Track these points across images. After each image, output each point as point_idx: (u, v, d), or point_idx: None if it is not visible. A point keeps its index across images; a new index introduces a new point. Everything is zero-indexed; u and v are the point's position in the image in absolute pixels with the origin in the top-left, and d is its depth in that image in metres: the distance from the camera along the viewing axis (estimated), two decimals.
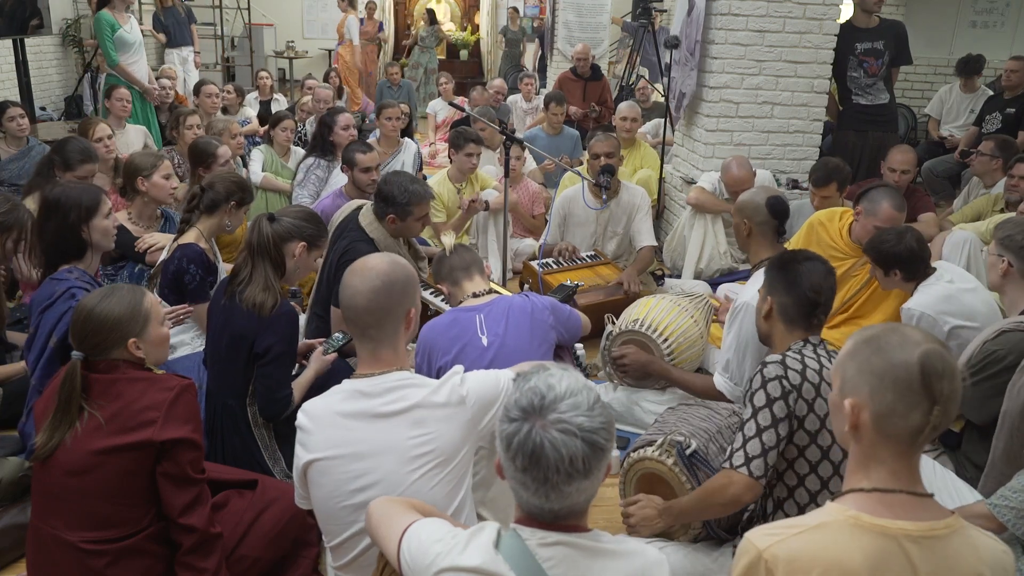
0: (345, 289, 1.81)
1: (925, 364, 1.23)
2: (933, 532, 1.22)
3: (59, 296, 2.43)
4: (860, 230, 3.31)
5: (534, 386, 1.28)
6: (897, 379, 1.24)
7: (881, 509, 1.24)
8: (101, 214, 2.65)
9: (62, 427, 1.80)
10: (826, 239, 3.50)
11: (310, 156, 4.82)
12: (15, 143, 4.62)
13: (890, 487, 1.26)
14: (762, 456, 1.89)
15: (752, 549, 1.25)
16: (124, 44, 5.77)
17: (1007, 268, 2.56)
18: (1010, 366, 2.32)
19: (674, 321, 3.12)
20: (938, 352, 1.25)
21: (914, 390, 1.23)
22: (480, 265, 2.81)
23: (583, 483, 1.25)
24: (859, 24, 4.99)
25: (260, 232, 2.45)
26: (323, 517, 1.80)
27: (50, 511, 1.82)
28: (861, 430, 1.28)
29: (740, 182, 4.16)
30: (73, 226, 2.60)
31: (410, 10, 13.93)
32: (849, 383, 1.30)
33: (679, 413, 2.45)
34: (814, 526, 1.24)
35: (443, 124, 8.13)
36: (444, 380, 1.79)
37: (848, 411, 1.28)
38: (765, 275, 2.23)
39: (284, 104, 8.02)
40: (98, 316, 1.85)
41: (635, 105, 5.62)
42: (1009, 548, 1.30)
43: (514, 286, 4.38)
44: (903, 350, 1.25)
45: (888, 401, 1.25)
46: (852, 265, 3.39)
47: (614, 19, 9.91)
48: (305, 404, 1.82)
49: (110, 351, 1.87)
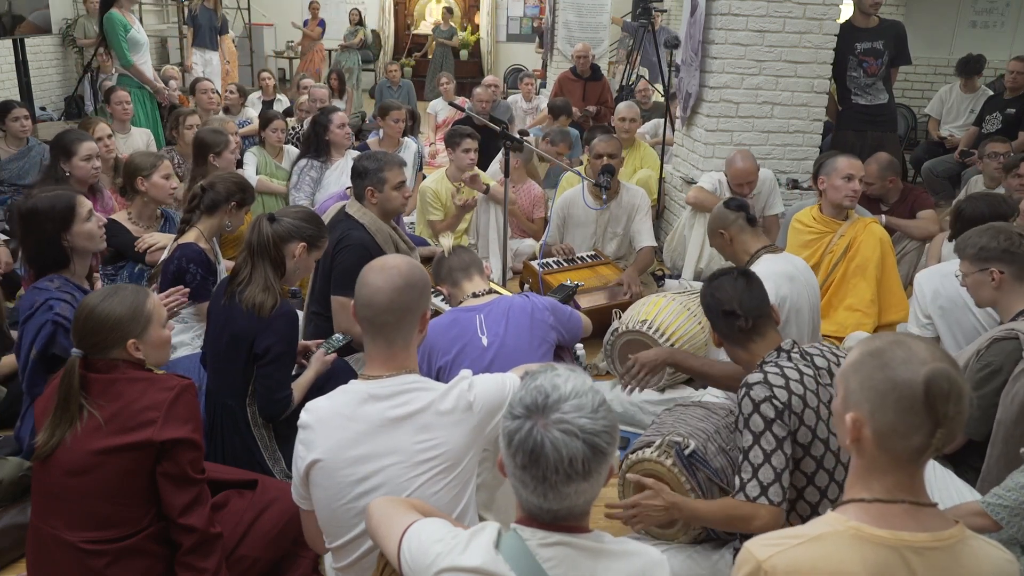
0: (365, 287, 1.79)
1: (930, 385, 1.18)
2: (936, 543, 1.20)
3: (38, 308, 2.40)
4: (833, 194, 3.48)
5: (539, 385, 1.28)
6: (900, 399, 1.20)
7: (882, 520, 1.22)
8: (79, 219, 2.56)
9: (62, 425, 1.80)
10: (802, 228, 3.70)
11: (303, 158, 4.79)
12: (16, 143, 4.62)
13: (892, 498, 1.23)
14: (777, 481, 1.87)
15: (752, 559, 1.23)
16: (136, 44, 5.75)
17: (1000, 277, 2.46)
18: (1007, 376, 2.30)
19: (682, 326, 3.11)
20: (945, 372, 1.19)
21: (917, 411, 1.19)
22: (479, 265, 2.80)
23: (582, 485, 1.24)
24: (859, 24, 4.99)
25: (260, 232, 2.45)
26: (325, 518, 1.79)
27: (50, 511, 1.82)
28: (862, 444, 1.25)
29: (746, 174, 4.14)
30: (52, 237, 2.52)
31: (410, 10, 13.92)
32: (852, 397, 1.26)
33: (676, 414, 2.44)
34: (815, 537, 1.22)
35: (443, 124, 8.13)
36: (452, 385, 1.78)
37: (849, 425, 1.25)
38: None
39: (287, 104, 8.01)
40: (99, 315, 1.85)
41: (634, 105, 5.62)
42: (1014, 557, 1.28)
43: (514, 286, 4.38)
44: (908, 368, 1.20)
45: (889, 420, 1.21)
46: (829, 242, 3.50)
47: (614, 19, 9.91)
48: (309, 404, 1.80)
49: (109, 350, 1.87)
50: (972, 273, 2.54)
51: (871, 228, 3.57)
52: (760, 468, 1.88)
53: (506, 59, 13.56)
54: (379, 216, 3.17)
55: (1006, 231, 2.52)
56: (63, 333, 2.36)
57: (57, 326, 2.37)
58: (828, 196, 3.58)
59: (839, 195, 3.54)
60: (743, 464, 1.91)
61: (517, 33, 13.76)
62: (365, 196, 3.17)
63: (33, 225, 2.52)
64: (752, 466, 1.89)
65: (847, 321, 3.49)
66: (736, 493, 1.92)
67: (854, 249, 3.54)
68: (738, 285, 2.11)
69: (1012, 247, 2.46)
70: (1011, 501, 1.87)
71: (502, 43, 13.65)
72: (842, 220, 3.60)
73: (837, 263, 3.53)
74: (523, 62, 13.03)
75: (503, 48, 13.69)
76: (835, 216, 3.61)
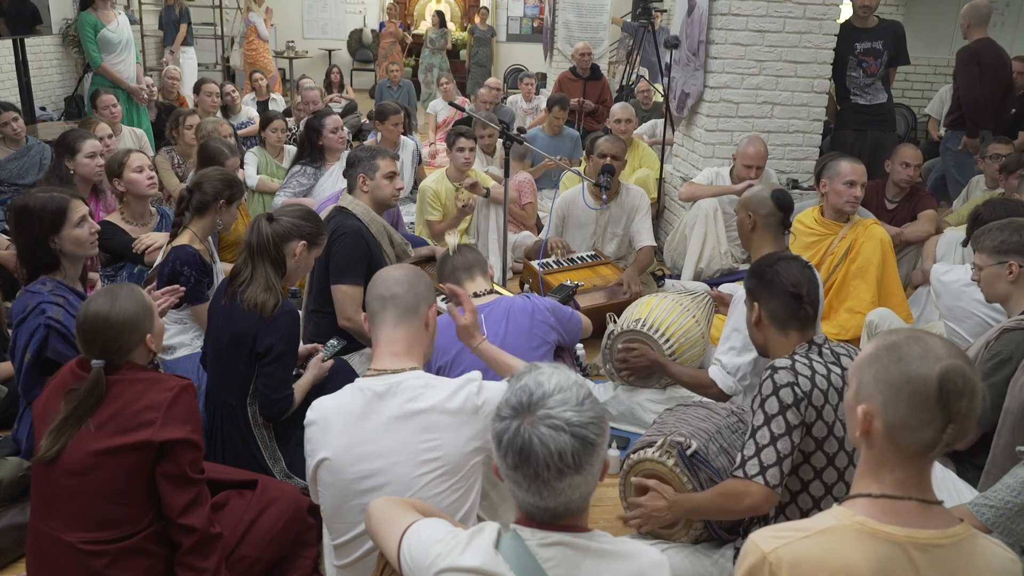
0: (376, 276, 1.92)
1: (945, 381, 1.19)
2: (940, 540, 1.20)
3: (30, 311, 2.39)
4: (834, 198, 3.52)
5: (524, 384, 1.30)
6: (914, 393, 1.21)
7: (888, 516, 1.22)
8: (69, 224, 2.51)
9: (68, 432, 1.80)
10: (803, 229, 3.70)
11: (296, 164, 4.77)
12: (13, 144, 4.62)
13: (899, 494, 1.24)
14: (777, 465, 1.87)
15: (756, 551, 1.23)
16: (108, 44, 5.72)
17: (1019, 271, 2.45)
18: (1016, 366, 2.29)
19: (676, 321, 3.12)
20: (960, 369, 1.20)
21: (929, 406, 1.20)
22: (483, 266, 2.81)
23: (575, 479, 1.24)
24: (858, 24, 5.00)
25: (259, 232, 2.44)
26: (329, 514, 1.81)
27: (50, 512, 1.82)
28: (872, 437, 1.26)
29: (757, 157, 4.28)
30: (40, 239, 2.49)
31: (410, 10, 13.92)
32: (864, 389, 1.27)
33: (678, 414, 2.44)
34: (820, 530, 1.23)
35: (443, 124, 8.13)
36: (460, 386, 1.77)
37: (860, 417, 1.26)
38: (745, 285, 2.23)
39: (282, 104, 8.01)
40: (117, 320, 1.84)
41: (628, 106, 5.63)
42: (1017, 557, 1.28)
43: (514, 286, 4.38)
44: (924, 363, 1.21)
45: (901, 414, 1.22)
46: (830, 244, 3.51)
47: (614, 19, 9.91)
48: (315, 402, 1.82)
49: (130, 352, 1.87)
50: (989, 266, 2.53)
51: (872, 230, 3.57)
52: (764, 449, 1.88)
53: (506, 59, 13.56)
54: (371, 206, 3.19)
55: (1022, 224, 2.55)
56: (56, 337, 2.35)
57: (50, 330, 2.35)
58: (830, 200, 3.59)
59: (840, 200, 3.55)
60: (747, 442, 1.91)
61: (517, 33, 13.75)
62: (357, 184, 3.21)
63: (24, 223, 2.50)
64: (756, 445, 1.89)
65: (848, 323, 3.49)
66: (735, 469, 1.92)
67: (855, 251, 3.54)
68: (807, 273, 2.11)
69: None
70: (997, 501, 1.84)
71: (502, 43, 13.64)
72: (843, 222, 3.61)
73: (838, 265, 3.53)
74: (523, 62, 13.03)
75: (503, 48, 13.68)
76: (836, 219, 3.62)
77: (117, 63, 5.80)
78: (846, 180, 3.51)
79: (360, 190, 3.20)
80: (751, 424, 1.93)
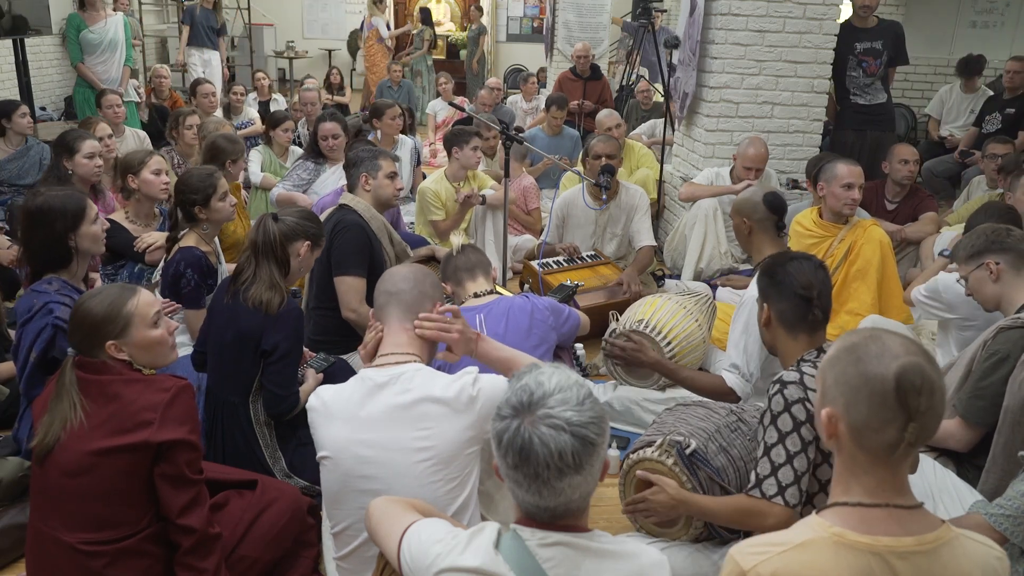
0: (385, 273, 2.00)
1: (901, 379, 1.18)
2: (920, 547, 1.19)
3: (37, 311, 2.41)
4: (832, 201, 3.51)
5: (524, 384, 1.30)
6: (872, 393, 1.20)
7: (866, 525, 1.21)
8: (88, 220, 2.60)
9: (56, 422, 1.80)
10: (802, 231, 3.69)
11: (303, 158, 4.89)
12: (17, 142, 4.63)
13: (874, 501, 1.22)
14: (796, 483, 1.84)
15: (736, 569, 1.23)
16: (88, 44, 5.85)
17: (998, 268, 2.48)
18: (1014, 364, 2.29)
19: (679, 324, 3.11)
20: (917, 366, 1.19)
21: (888, 405, 1.19)
22: (485, 266, 2.82)
23: (575, 478, 1.25)
24: (858, 24, 5.01)
25: (266, 231, 2.45)
26: (329, 501, 1.85)
27: (48, 512, 1.82)
28: (840, 440, 1.25)
29: (758, 159, 4.30)
30: (60, 236, 2.55)
31: (410, 10, 13.91)
32: (828, 392, 1.26)
33: (677, 413, 2.44)
34: (798, 544, 1.22)
35: (443, 124, 8.13)
36: (456, 377, 1.80)
37: (825, 421, 1.25)
38: (757, 283, 2.21)
39: (283, 104, 8.02)
40: (81, 315, 1.87)
41: (614, 112, 5.63)
42: (1004, 554, 1.26)
43: (514, 286, 4.38)
44: (880, 362, 1.20)
45: (863, 415, 1.21)
46: (829, 246, 3.50)
47: (614, 19, 9.90)
48: (320, 389, 1.88)
49: (94, 350, 1.87)
50: (970, 272, 2.55)
51: (871, 231, 3.56)
52: (781, 468, 1.85)
53: (506, 59, 13.55)
54: (373, 205, 3.21)
55: (990, 227, 2.57)
56: (63, 336, 2.35)
57: (57, 329, 2.37)
58: (828, 203, 3.56)
59: (838, 203, 3.51)
60: (761, 460, 1.89)
61: (517, 33, 13.74)
62: (359, 183, 3.23)
63: (43, 222, 2.54)
64: (772, 464, 1.87)
65: (849, 325, 3.48)
66: (751, 488, 1.90)
67: (855, 253, 3.51)
68: (818, 275, 2.08)
69: (998, 237, 2.51)
70: (1013, 510, 1.82)
71: (502, 43, 13.64)
72: (842, 224, 3.60)
73: (838, 267, 3.51)
74: (523, 62, 13.02)
75: (503, 48, 13.67)
76: (835, 221, 3.60)
77: (96, 64, 5.86)
78: (843, 183, 3.48)
79: (362, 189, 3.22)
80: (763, 440, 1.90)
